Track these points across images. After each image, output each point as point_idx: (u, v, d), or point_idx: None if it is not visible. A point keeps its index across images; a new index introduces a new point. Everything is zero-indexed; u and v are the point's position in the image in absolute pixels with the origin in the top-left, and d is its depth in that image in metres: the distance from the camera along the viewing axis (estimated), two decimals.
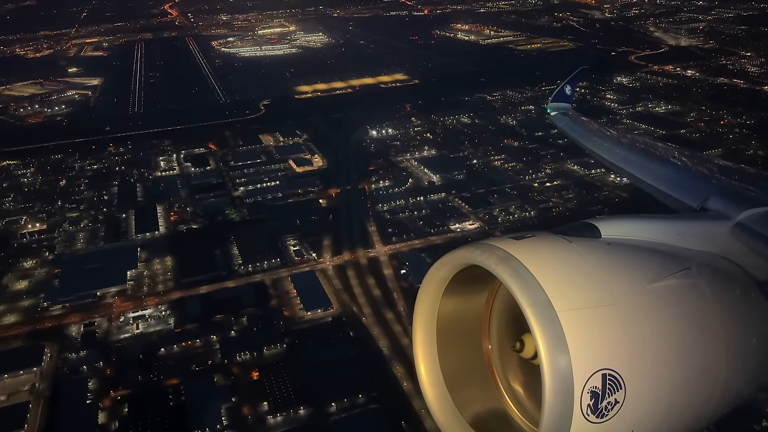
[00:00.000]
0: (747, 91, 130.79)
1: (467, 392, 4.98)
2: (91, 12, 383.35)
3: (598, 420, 3.95)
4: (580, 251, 4.45)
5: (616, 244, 4.81)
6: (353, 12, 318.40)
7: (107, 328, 67.04)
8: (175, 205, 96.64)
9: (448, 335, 5.01)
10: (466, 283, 4.86)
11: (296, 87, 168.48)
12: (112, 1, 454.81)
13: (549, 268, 4.16)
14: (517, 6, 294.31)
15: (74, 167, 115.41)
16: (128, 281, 74.75)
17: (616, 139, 12.53)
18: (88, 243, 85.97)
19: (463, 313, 5.08)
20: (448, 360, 4.98)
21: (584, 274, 4.26)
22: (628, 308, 4.22)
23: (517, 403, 4.99)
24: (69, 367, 60.74)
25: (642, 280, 4.44)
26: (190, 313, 68.24)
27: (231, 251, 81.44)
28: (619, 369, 4.01)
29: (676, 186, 7.82)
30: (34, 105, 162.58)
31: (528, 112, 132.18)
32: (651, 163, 9.71)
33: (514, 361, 4.99)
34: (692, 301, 4.69)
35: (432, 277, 4.81)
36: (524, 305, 3.94)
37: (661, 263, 4.74)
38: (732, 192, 7.03)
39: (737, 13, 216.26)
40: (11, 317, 69.87)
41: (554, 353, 3.82)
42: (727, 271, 5.38)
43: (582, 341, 3.91)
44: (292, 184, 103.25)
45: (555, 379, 3.82)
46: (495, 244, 4.35)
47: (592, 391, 3.89)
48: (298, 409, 53.64)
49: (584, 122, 15.16)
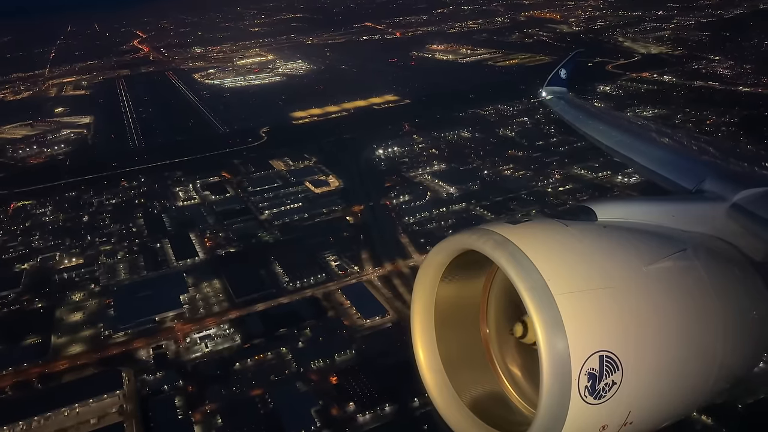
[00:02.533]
0: (724, 92, 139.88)
1: (466, 376, 5.04)
2: (58, 52, 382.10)
3: (596, 401, 4.00)
4: (576, 234, 4.53)
5: (612, 226, 4.86)
6: (326, 38, 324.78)
7: (176, 349, 69.69)
8: (207, 231, 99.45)
9: (446, 320, 5.08)
10: (463, 268, 4.93)
11: (291, 113, 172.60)
12: (77, 40, 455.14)
13: (545, 252, 4.23)
14: (485, 25, 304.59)
15: (92, 203, 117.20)
16: (183, 305, 77.46)
17: (612, 122, 12.45)
18: (130, 273, 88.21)
19: (461, 298, 5.14)
20: (447, 344, 5.07)
21: (580, 257, 4.34)
22: (625, 290, 4.27)
23: (516, 386, 5.07)
24: (151, 388, 63.27)
25: (638, 263, 4.49)
26: (253, 330, 71.35)
27: (275, 270, 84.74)
28: (616, 351, 4.05)
29: (671, 168, 7.85)
30: (32, 146, 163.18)
31: (524, 124, 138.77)
32: (646, 145, 9.70)
33: (512, 344, 5.06)
34: (689, 283, 4.72)
35: (430, 263, 4.90)
36: (521, 289, 4.01)
37: (658, 245, 4.79)
38: (728, 173, 6.98)
39: (697, 20, 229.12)
40: (76, 347, 71.95)
41: (551, 336, 3.89)
42: (723, 252, 5.41)
43: (579, 324, 3.97)
44: (315, 204, 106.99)
45: (552, 361, 3.87)
46: (492, 229, 4.46)
47: (590, 372, 3.95)
48: (384, 407, 57.20)
49: (580, 105, 15.12)
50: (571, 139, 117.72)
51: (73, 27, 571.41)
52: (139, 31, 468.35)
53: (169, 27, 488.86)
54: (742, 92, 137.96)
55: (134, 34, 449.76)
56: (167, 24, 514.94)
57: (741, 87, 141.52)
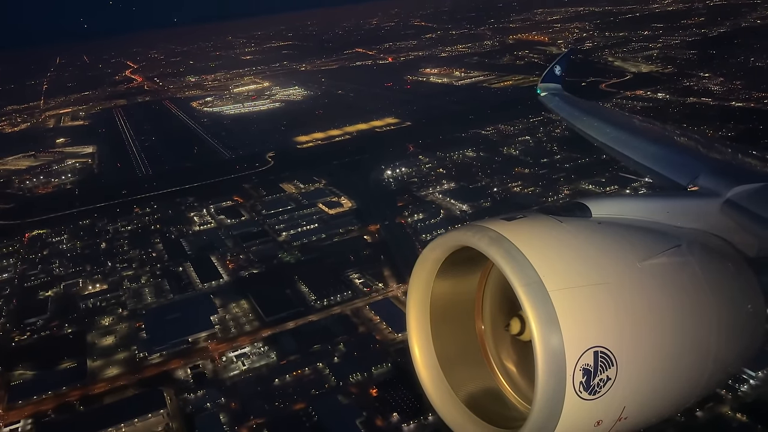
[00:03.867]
0: (719, 108, 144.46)
1: (461, 372, 5.06)
2: (51, 83, 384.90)
3: (591, 397, 4.06)
4: (571, 231, 4.55)
5: (606, 222, 4.90)
6: (319, 65, 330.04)
7: (213, 368, 71.02)
8: (227, 254, 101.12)
9: (441, 316, 5.09)
10: (458, 264, 4.95)
11: (295, 138, 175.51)
12: (68, 71, 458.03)
13: (540, 248, 4.27)
14: (475, 48, 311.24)
15: (108, 230, 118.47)
16: (215, 325, 78.92)
17: (607, 118, 12.41)
18: (156, 296, 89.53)
19: (456, 295, 5.15)
20: (442, 341, 5.07)
21: (575, 253, 4.36)
22: (619, 286, 4.31)
23: (511, 382, 5.09)
24: (193, 406, 64.49)
25: (633, 259, 4.51)
26: (287, 347, 72.91)
27: (300, 289, 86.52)
28: (611, 346, 4.10)
29: (666, 164, 7.88)
30: (38, 176, 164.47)
31: (527, 143, 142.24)
32: (641, 142, 9.70)
33: (507, 340, 5.08)
34: (683, 279, 4.75)
35: (425, 259, 4.90)
36: (516, 285, 4.06)
37: (652, 241, 4.82)
38: (721, 169, 6.98)
39: (683, 39, 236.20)
40: (113, 369, 73.02)
41: (546, 332, 3.94)
42: (716, 247, 5.45)
43: (574, 320, 4.01)
44: (330, 225, 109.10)
45: (547, 357, 3.92)
46: (487, 226, 4.44)
47: (585, 368, 3.99)
48: (427, 416, 58.82)
49: (574, 102, 15.12)
50: (576, 155, 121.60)
51: (62, 59, 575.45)
52: (129, 61, 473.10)
53: (159, 57, 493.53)
54: (736, 107, 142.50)
55: (125, 65, 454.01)
56: (157, 54, 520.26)
57: (734, 102, 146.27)
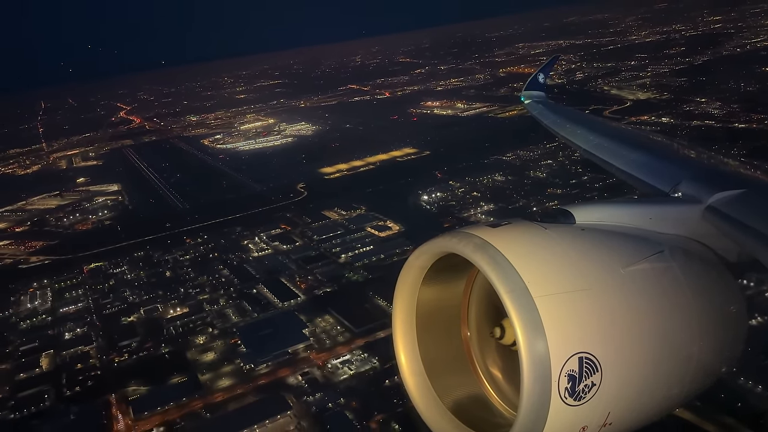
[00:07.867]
0: (723, 129, 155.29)
1: (447, 379, 5.16)
2: (45, 127, 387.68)
3: (576, 402, 4.12)
4: (555, 237, 4.67)
5: (590, 229, 5.02)
6: (317, 101, 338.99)
7: (321, 374, 76.77)
8: (295, 276, 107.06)
9: (427, 323, 5.20)
10: (444, 271, 5.11)
11: (319, 169, 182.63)
12: (59, 115, 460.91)
13: (525, 255, 4.34)
14: (469, 82, 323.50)
15: (167, 260, 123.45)
16: (309, 338, 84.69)
17: (590, 125, 12.47)
18: (241, 315, 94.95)
19: (442, 301, 5.28)
20: (428, 348, 5.18)
21: (560, 259, 4.45)
22: (603, 292, 4.39)
23: (496, 389, 5.22)
24: (316, 407, 70.11)
25: (616, 265, 4.62)
26: (386, 353, 79.06)
27: (378, 303, 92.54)
28: (596, 352, 4.16)
29: (648, 171, 8.04)
30: (73, 213, 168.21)
31: (550, 166, 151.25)
32: (624, 148, 9.74)
33: (493, 347, 5.21)
34: (665, 284, 4.84)
35: (410, 267, 5.12)
36: (501, 292, 4.12)
37: (635, 247, 4.93)
38: (703, 176, 7.08)
39: (671, 68, 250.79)
40: (225, 380, 78.19)
41: (531, 338, 4.00)
42: (698, 253, 5.53)
43: (558, 326, 4.08)
44: (384, 246, 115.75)
45: (532, 363, 3.97)
46: (472, 232, 4.58)
47: (569, 374, 4.05)
48: None
49: (558, 109, 15.37)
50: (602, 176, 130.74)
51: (47, 103, 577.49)
52: (119, 103, 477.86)
53: (149, 98, 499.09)
54: (740, 128, 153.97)
55: (116, 107, 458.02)
56: (146, 95, 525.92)
57: (737, 124, 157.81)
